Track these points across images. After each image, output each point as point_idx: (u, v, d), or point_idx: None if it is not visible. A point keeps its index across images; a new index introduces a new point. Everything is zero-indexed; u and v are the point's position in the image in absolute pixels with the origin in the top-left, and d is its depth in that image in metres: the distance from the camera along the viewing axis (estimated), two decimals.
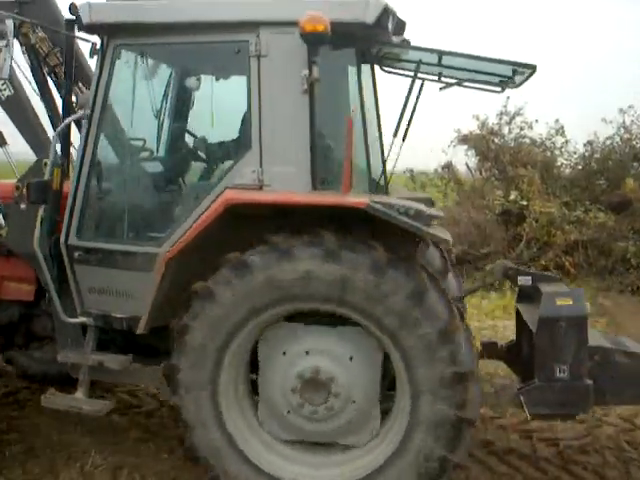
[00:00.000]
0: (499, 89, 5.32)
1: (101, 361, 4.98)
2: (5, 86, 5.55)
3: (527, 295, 5.38)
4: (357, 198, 4.20)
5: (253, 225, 4.35)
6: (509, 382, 5.48)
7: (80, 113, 5.07)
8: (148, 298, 4.65)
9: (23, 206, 5.07)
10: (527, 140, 16.08)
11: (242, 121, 4.81)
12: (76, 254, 4.95)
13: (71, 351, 5.13)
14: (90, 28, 4.83)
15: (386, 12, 4.42)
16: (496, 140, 16.10)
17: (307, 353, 4.48)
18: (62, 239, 4.94)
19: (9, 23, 4.93)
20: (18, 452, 5.41)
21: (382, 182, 5.24)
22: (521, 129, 16.03)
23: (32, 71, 5.67)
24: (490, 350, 5.59)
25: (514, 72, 4.93)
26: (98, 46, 4.96)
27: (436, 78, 5.24)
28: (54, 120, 5.72)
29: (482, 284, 6.21)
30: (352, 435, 4.58)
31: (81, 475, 5.07)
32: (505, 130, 16.04)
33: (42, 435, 5.73)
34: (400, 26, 4.89)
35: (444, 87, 5.28)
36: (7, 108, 5.63)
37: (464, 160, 16.80)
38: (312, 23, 4.06)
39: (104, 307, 4.99)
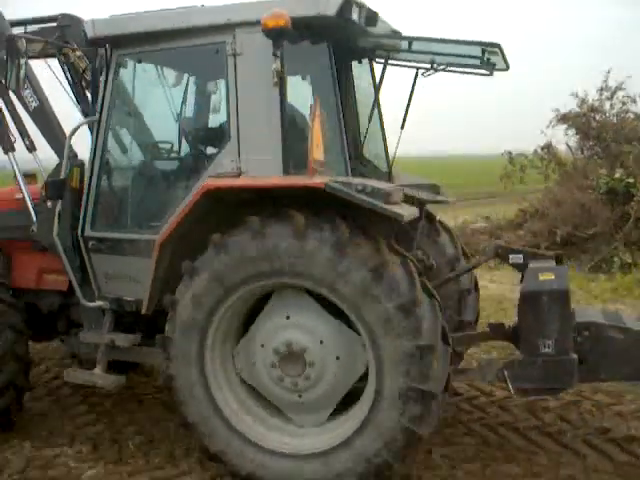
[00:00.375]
0: (488, 72, 5.50)
1: (113, 339, 5.47)
2: (32, 98, 6.01)
3: None
4: (316, 179, 4.40)
5: (239, 210, 4.63)
6: (494, 358, 5.32)
7: (90, 118, 5.59)
8: (148, 281, 5.01)
9: (49, 204, 5.64)
10: (631, 115, 15.43)
11: (224, 115, 5.10)
12: (90, 244, 5.48)
13: (90, 332, 5.69)
14: (94, 42, 5.37)
15: (348, 4, 4.61)
16: (597, 117, 15.54)
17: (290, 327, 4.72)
18: (79, 231, 5.47)
19: (22, 44, 5.53)
20: (140, 443, 5.62)
21: (385, 168, 5.81)
22: (623, 104, 15.39)
23: (71, 86, 6.10)
24: (497, 331, 5.45)
25: (483, 52, 5.12)
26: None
27: (429, 66, 5.62)
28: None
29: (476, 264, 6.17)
30: (323, 408, 4.79)
31: (199, 465, 5.20)
32: (607, 106, 15.46)
33: (160, 427, 5.92)
34: (372, 17, 4.99)
35: (428, 73, 5.70)
36: (34, 118, 6.08)
37: (564, 140, 16.35)
38: (273, 19, 4.34)
39: (117, 291, 5.50)
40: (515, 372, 4.84)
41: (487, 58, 5.24)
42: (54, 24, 6.01)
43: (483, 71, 5.49)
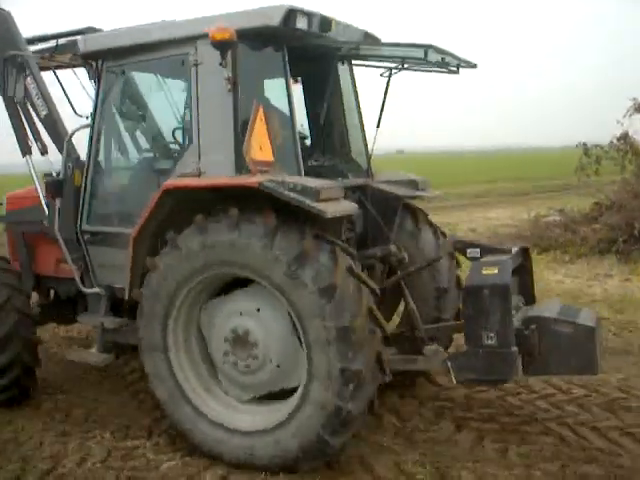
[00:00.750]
0: (455, 69, 6.04)
1: (102, 322, 6.11)
2: (43, 107, 6.64)
3: None
4: (253, 178, 4.83)
5: (198, 209, 5.03)
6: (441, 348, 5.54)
7: (85, 124, 6.25)
8: (127, 271, 5.53)
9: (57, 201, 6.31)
10: None
11: (189, 121, 5.55)
12: (86, 237, 6.16)
13: (86, 315, 6.46)
14: (86, 56, 6.06)
15: (292, 14, 5.00)
16: None
17: (241, 314, 5.18)
18: (78, 225, 6.13)
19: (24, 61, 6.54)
20: None
21: (365, 165, 6.43)
22: None
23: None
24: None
25: (425, 54, 5.48)
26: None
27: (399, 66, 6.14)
28: None
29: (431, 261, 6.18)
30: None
31: (402, 474, 5.02)
32: None
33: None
34: (326, 24, 5.35)
35: (394, 72, 6.21)
36: (44, 124, 6.69)
37: None
38: (219, 32, 4.80)
39: (109, 279, 6.14)
40: (459, 363, 5.07)
41: (442, 58, 5.73)
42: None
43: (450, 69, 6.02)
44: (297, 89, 6.29)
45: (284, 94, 5.50)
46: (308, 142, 6.47)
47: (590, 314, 5.26)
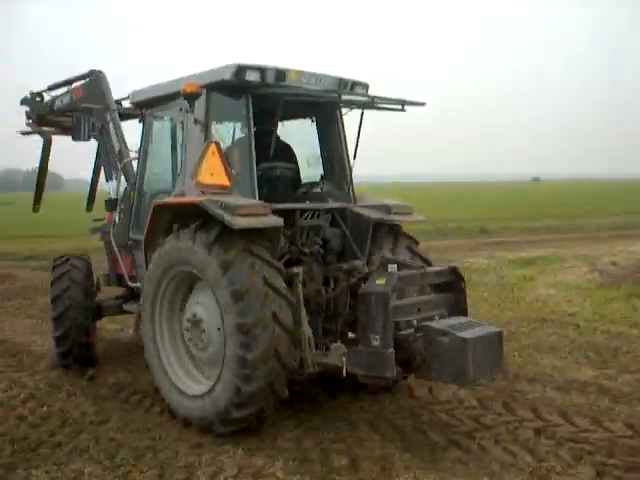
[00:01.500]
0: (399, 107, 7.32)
1: (132, 307, 8.24)
2: (118, 145, 9.03)
3: None
4: (199, 198, 6.23)
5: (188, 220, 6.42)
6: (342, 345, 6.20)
7: (133, 157, 8.59)
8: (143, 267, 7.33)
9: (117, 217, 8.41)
10: None
11: (182, 154, 7.19)
12: (131, 243, 8.09)
13: (129, 304, 8.49)
14: (135, 105, 8.07)
15: (242, 69, 6.39)
16: None
17: (197, 303, 6.59)
18: (129, 234, 8.11)
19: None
20: (346, 463, 5.66)
21: (349, 191, 7.65)
22: None
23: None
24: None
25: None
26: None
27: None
28: None
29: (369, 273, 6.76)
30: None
31: None
32: None
33: (365, 447, 5.96)
34: (280, 75, 6.59)
35: (349, 110, 7.66)
36: (116, 157, 9.06)
37: None
38: (187, 87, 6.54)
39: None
40: (351, 359, 5.92)
41: (372, 98, 7.18)
42: None
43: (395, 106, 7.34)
44: (313, 129, 7.91)
45: (246, 132, 6.89)
46: (321, 171, 7.86)
47: (482, 329, 5.79)
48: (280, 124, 7.67)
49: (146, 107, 7.82)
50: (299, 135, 7.98)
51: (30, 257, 22.57)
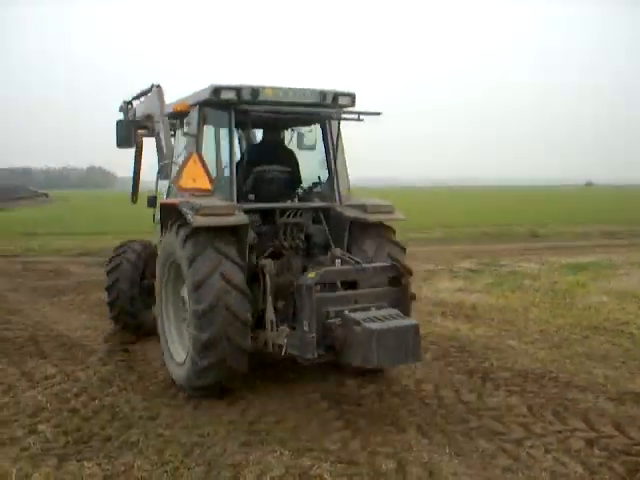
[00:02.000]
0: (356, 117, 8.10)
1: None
2: (166, 149, 9.89)
3: None
4: (177, 199, 7.50)
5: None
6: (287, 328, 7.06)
7: (168, 160, 9.27)
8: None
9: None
10: None
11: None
12: None
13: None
14: (172, 115, 8.95)
15: (217, 90, 7.45)
16: None
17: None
18: None
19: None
20: (390, 468, 5.62)
21: (335, 192, 8.46)
22: None
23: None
24: None
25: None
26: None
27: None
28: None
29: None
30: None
31: None
32: None
33: (413, 452, 5.90)
34: (255, 92, 7.57)
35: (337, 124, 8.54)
36: (163, 159, 10.14)
37: None
38: (177, 106, 8.24)
39: None
40: (289, 340, 6.84)
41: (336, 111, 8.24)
42: None
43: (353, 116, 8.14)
44: (317, 136, 8.81)
45: (227, 143, 8.09)
46: (324, 177, 8.68)
47: (397, 322, 6.41)
48: (290, 131, 9.00)
49: (174, 117, 9.02)
50: (309, 141, 8.96)
51: (83, 254, 22.99)
